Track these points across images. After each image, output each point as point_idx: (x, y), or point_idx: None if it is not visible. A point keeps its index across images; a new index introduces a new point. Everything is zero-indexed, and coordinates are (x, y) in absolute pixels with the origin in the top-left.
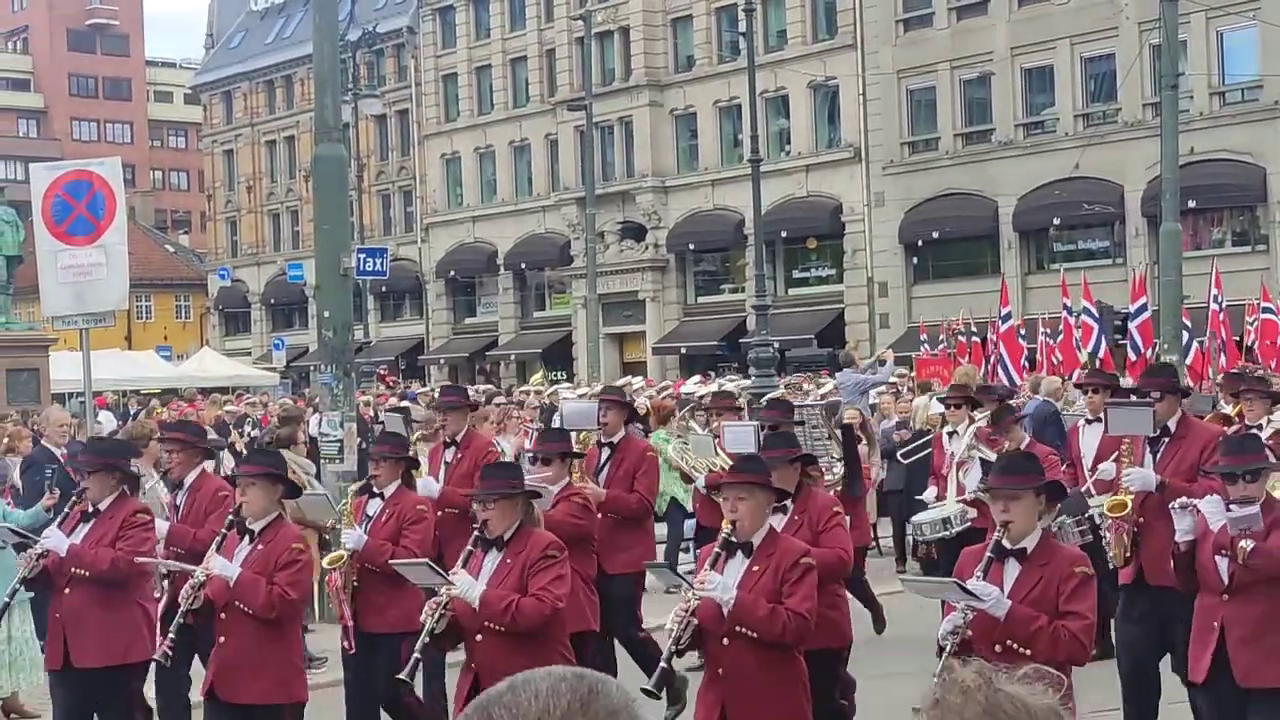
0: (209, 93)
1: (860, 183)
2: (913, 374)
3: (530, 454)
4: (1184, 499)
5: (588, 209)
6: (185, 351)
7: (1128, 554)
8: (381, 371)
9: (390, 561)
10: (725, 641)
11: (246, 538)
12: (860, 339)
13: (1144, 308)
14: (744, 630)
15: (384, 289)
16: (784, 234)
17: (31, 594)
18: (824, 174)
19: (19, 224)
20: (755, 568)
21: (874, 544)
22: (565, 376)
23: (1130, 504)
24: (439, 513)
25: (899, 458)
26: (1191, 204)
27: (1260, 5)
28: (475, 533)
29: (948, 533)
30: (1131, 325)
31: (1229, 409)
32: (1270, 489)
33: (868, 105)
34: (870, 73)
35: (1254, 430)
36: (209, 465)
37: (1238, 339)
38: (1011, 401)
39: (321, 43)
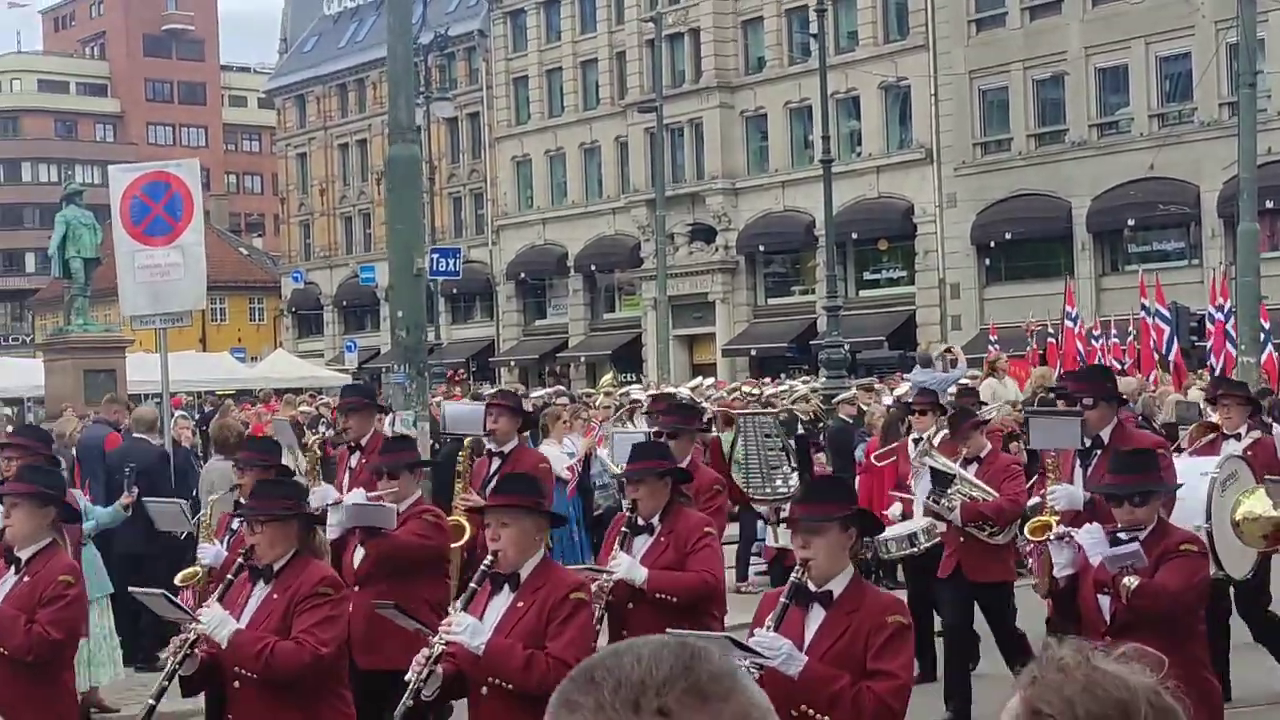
0: (283, 97)
1: (932, 184)
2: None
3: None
4: (1060, 528)
5: (658, 211)
6: (259, 353)
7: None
8: (451, 373)
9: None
10: (484, 691)
11: (12, 568)
12: (931, 340)
13: (1222, 308)
14: (498, 681)
15: (455, 291)
16: (855, 235)
17: (110, 590)
18: (895, 175)
19: (96, 227)
20: (520, 604)
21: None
22: (635, 378)
23: (1055, 525)
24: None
25: None
26: (1269, 204)
27: None
28: (239, 560)
29: (915, 549)
30: (1211, 326)
31: (1216, 417)
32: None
33: (939, 106)
34: (942, 73)
35: (1233, 437)
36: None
37: None
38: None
39: (395, 45)
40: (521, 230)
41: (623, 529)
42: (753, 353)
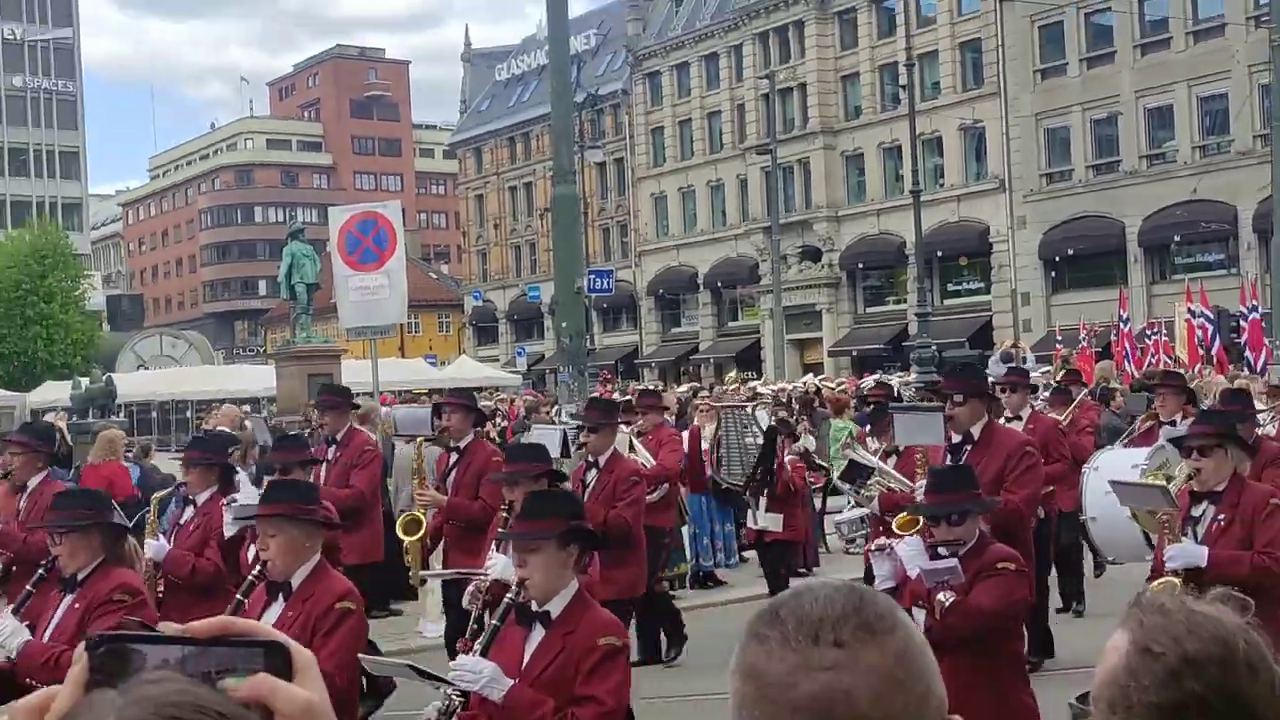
0: (463, 149)
1: (1004, 209)
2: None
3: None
4: (881, 540)
5: (773, 236)
6: (446, 359)
7: None
8: (603, 373)
9: None
10: None
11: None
12: (1006, 341)
13: (1255, 309)
14: None
15: (605, 305)
16: (939, 253)
17: None
18: (973, 202)
19: (315, 258)
20: (290, 613)
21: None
22: (755, 376)
23: (922, 521)
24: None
25: None
26: None
27: None
28: (40, 570)
29: (868, 530)
30: (1246, 324)
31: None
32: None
33: (1010, 143)
34: (1012, 115)
35: (1168, 424)
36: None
37: None
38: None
39: (557, 104)
40: (659, 254)
41: (499, 530)
42: (854, 354)
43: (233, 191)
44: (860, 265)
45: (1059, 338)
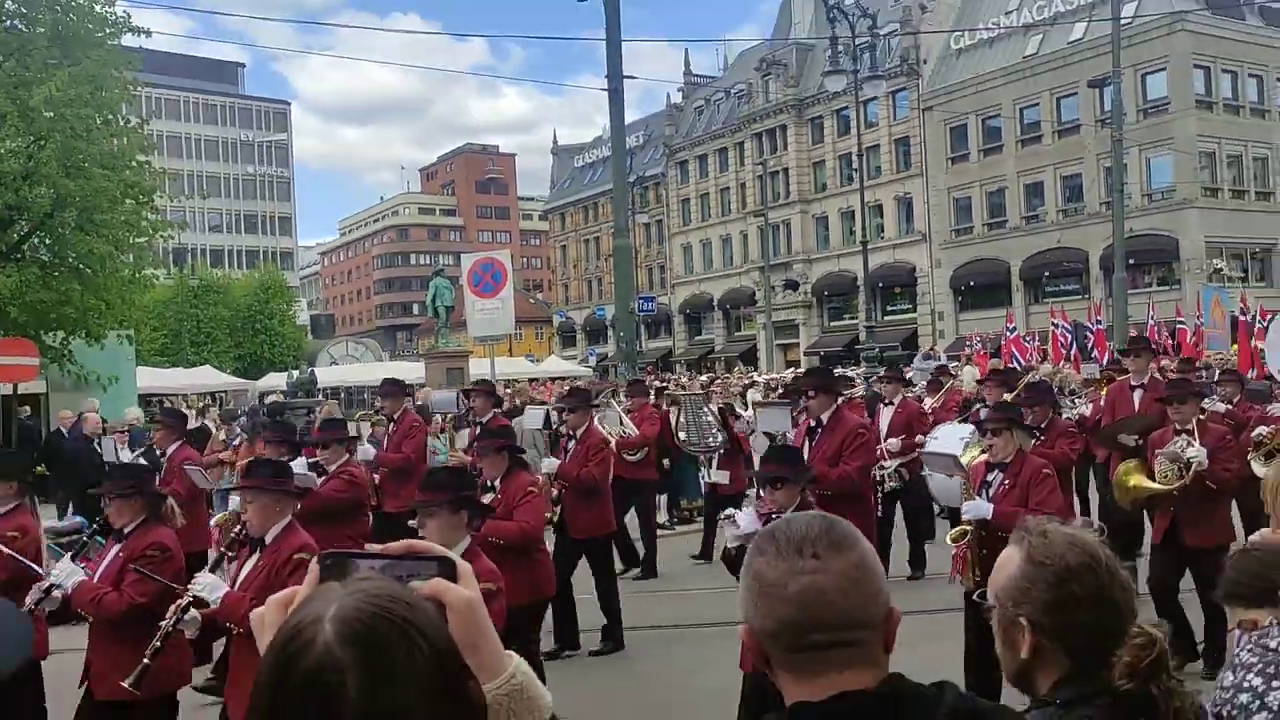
0: (552, 214)
1: (926, 254)
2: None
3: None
4: (728, 510)
5: (765, 273)
6: (541, 357)
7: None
8: (648, 368)
9: None
10: (234, 633)
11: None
12: (928, 345)
13: (1100, 323)
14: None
15: (649, 320)
16: (880, 284)
17: None
18: (904, 249)
19: (451, 288)
20: (261, 563)
21: None
22: (754, 369)
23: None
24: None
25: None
26: (1131, 261)
27: (1173, 137)
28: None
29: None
30: (1093, 334)
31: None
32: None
33: (930, 208)
34: (931, 189)
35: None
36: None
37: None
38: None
39: (617, 182)
40: (686, 285)
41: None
42: (821, 353)
43: (395, 243)
44: (825, 293)
45: (967, 342)
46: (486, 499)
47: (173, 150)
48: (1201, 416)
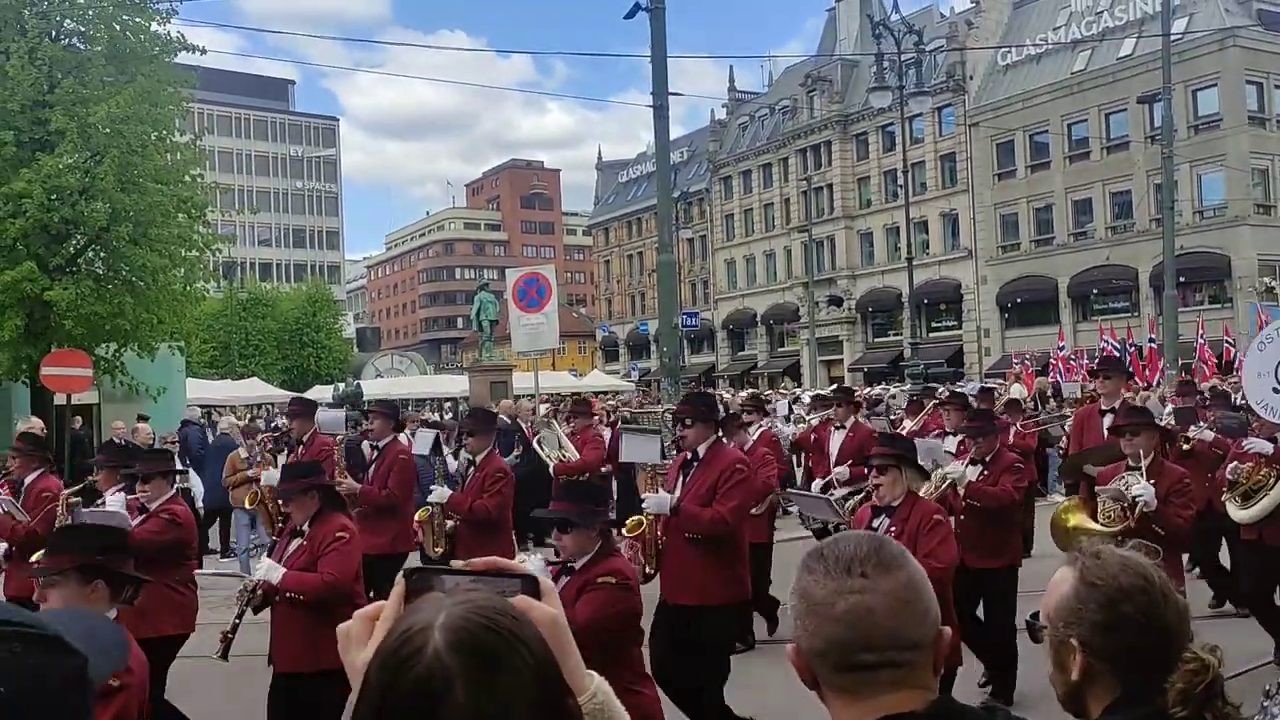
0: (596, 229)
1: (972, 271)
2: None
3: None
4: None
5: (809, 289)
6: (584, 372)
7: (649, 571)
8: (691, 385)
9: None
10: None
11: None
12: (973, 363)
13: (1152, 340)
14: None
15: (692, 336)
16: (925, 301)
17: None
18: (950, 265)
19: (496, 302)
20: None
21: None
22: (798, 385)
23: (646, 524)
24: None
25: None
26: (1182, 279)
27: (1225, 154)
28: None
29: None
30: (1145, 352)
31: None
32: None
33: (976, 225)
34: (977, 205)
35: (949, 434)
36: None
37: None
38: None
39: (662, 198)
40: (730, 300)
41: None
42: (865, 370)
43: (441, 258)
44: (870, 309)
45: (1015, 361)
46: (293, 545)
47: (224, 166)
48: (1186, 445)
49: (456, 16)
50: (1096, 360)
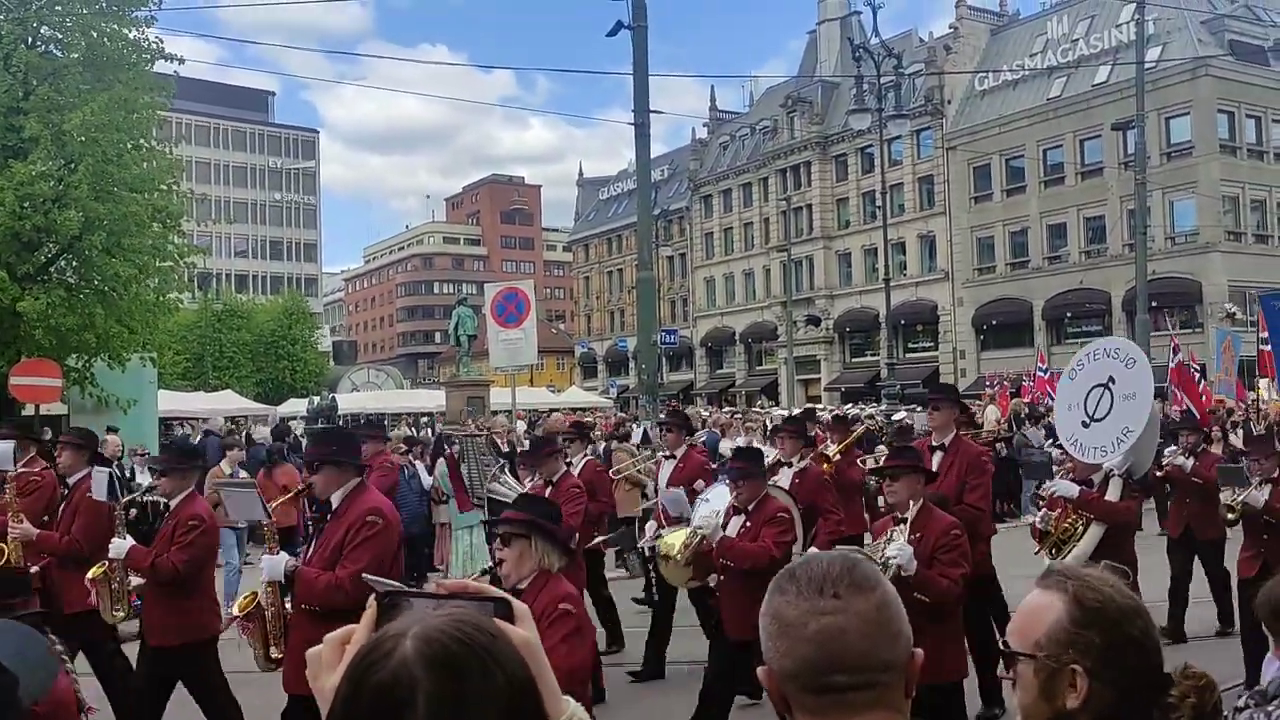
0: (576, 245)
1: (949, 292)
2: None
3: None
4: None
5: (788, 308)
6: (562, 388)
7: (274, 656)
8: (670, 402)
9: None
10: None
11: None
12: (947, 383)
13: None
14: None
15: (670, 353)
16: (902, 321)
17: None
18: (926, 287)
19: (474, 317)
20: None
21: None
22: (775, 404)
23: (260, 599)
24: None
25: None
26: (1154, 303)
27: (1197, 181)
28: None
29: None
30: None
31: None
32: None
33: (953, 247)
34: (954, 228)
35: (786, 464)
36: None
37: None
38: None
39: (642, 216)
40: (709, 318)
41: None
42: (842, 389)
43: (419, 272)
44: (847, 329)
45: (988, 383)
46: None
47: (202, 176)
48: (1060, 485)
49: (439, 30)
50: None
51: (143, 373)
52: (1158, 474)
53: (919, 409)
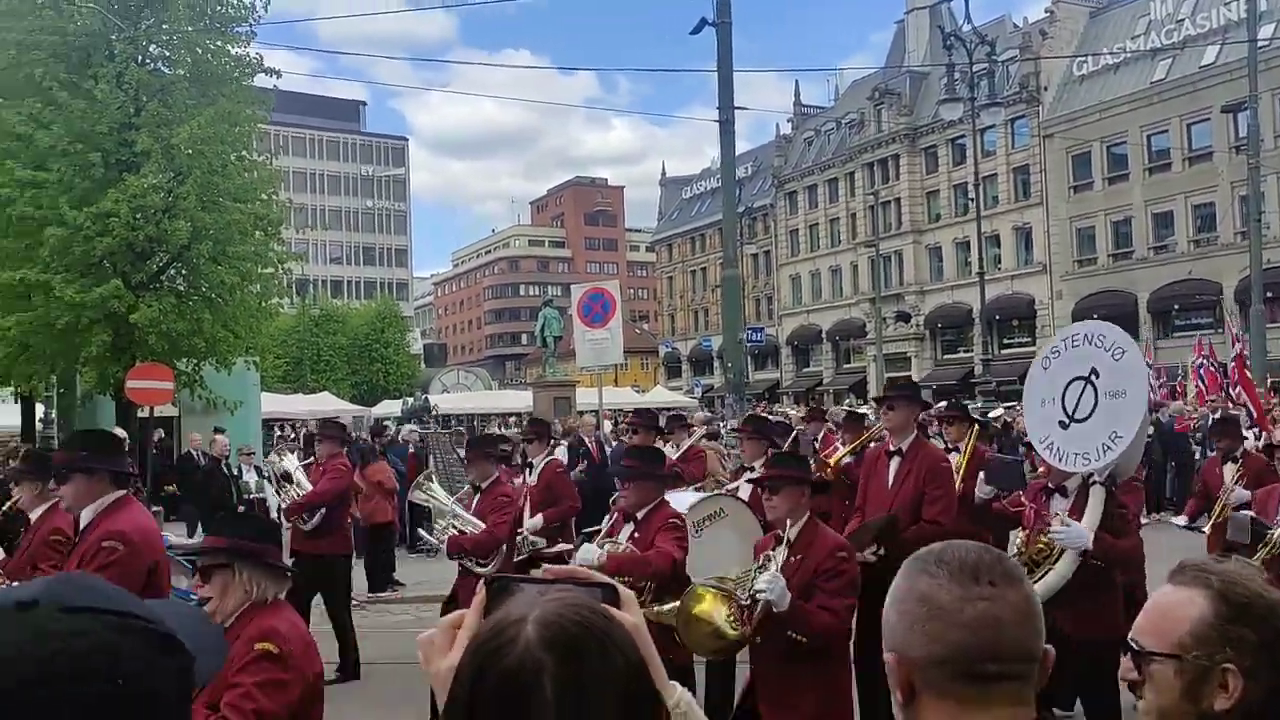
0: (659, 245)
1: (1047, 285)
2: None
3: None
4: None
5: (877, 304)
6: (646, 388)
7: None
8: (756, 402)
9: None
10: None
11: None
12: None
13: (1236, 357)
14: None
15: (755, 352)
16: (997, 316)
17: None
18: (1023, 280)
19: (560, 318)
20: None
21: None
22: (864, 401)
23: None
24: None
25: None
26: (1269, 295)
27: None
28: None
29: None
30: (1233, 365)
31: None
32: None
33: (1051, 239)
34: (1052, 219)
35: (749, 469)
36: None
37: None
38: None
39: (727, 213)
40: (794, 316)
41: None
42: (933, 387)
43: (505, 275)
44: (939, 325)
45: None
46: None
47: (298, 185)
48: (1070, 534)
49: (521, 35)
50: (1175, 378)
51: (247, 375)
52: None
53: (1018, 406)
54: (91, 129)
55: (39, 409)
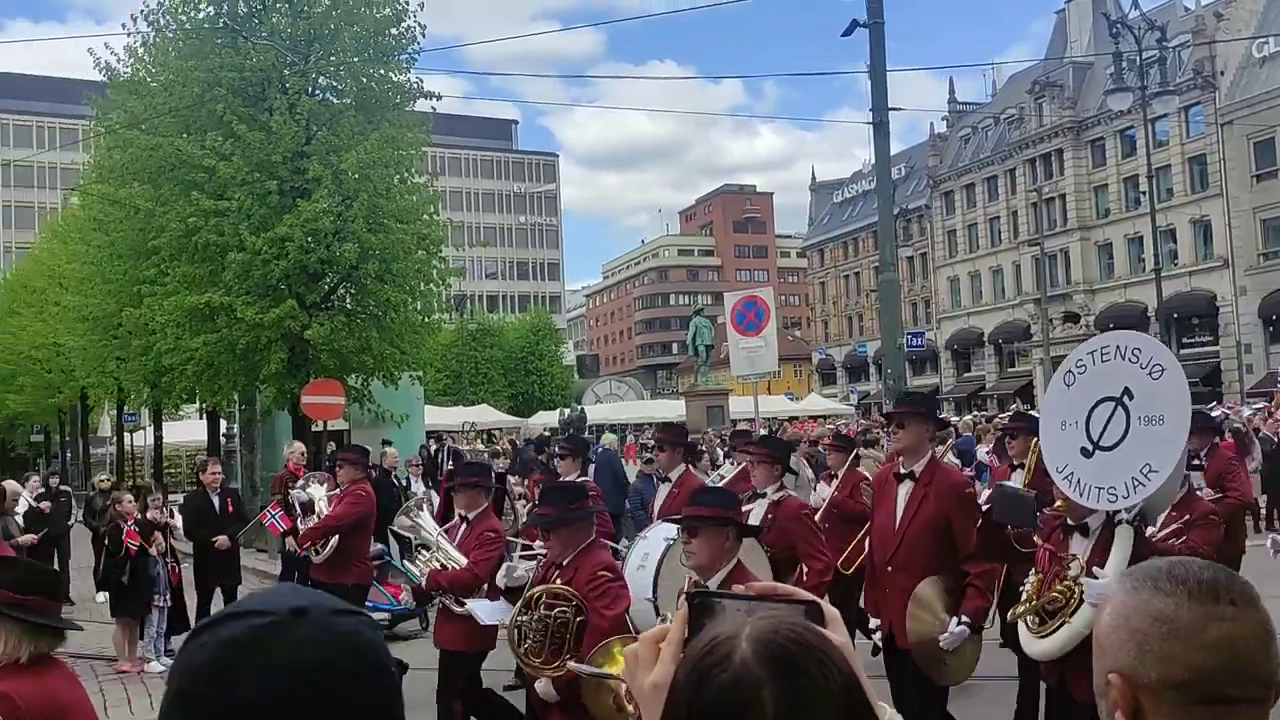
0: (811, 250)
1: (1229, 281)
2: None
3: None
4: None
5: (1043, 305)
6: (800, 395)
7: None
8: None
9: None
10: None
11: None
12: (1232, 382)
13: None
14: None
15: (912, 357)
16: (1175, 315)
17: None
18: (1203, 276)
19: (711, 327)
20: None
21: None
22: (1030, 408)
23: None
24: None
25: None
26: None
27: None
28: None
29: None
30: None
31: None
32: None
33: (1232, 231)
34: (1234, 210)
35: (761, 495)
36: None
37: None
38: None
39: (884, 215)
40: (954, 319)
41: None
42: None
43: (655, 284)
44: (1111, 325)
45: (1278, 379)
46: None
47: (454, 204)
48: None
49: (666, 47)
50: None
51: (411, 390)
52: None
53: (1216, 408)
54: (268, 158)
55: (223, 424)
